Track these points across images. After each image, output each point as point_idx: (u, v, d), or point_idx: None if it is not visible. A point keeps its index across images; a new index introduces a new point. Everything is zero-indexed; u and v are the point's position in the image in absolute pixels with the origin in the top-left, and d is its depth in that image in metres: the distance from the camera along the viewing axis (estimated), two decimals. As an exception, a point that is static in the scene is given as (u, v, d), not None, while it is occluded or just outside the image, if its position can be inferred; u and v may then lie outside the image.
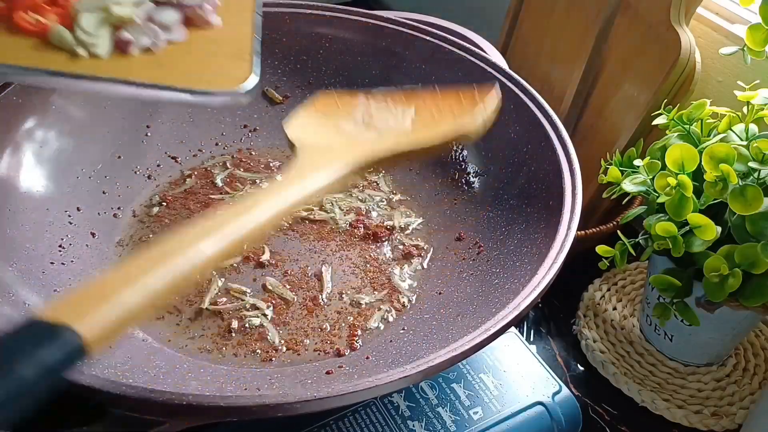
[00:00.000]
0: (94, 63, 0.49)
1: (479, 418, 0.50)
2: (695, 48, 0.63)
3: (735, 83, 0.58)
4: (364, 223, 0.64)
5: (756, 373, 0.62)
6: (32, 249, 0.55)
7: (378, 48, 0.70)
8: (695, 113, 0.54)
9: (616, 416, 0.59)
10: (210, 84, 0.49)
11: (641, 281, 0.70)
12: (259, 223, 0.39)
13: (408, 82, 0.71)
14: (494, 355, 0.54)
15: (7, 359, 0.27)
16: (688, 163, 0.48)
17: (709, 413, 0.58)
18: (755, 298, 0.48)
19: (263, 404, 0.39)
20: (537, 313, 0.68)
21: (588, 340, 0.63)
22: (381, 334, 0.55)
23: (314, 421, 0.49)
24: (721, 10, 0.68)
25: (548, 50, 0.79)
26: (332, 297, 0.57)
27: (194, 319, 0.55)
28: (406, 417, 0.50)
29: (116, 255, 0.59)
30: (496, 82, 0.60)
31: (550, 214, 0.55)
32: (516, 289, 0.49)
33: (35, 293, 0.51)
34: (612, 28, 0.71)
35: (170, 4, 0.54)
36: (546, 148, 0.59)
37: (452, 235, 0.63)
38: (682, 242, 0.48)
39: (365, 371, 0.49)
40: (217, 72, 0.51)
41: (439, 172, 0.69)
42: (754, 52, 0.52)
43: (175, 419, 0.40)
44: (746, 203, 0.45)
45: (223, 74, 0.50)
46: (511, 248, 0.57)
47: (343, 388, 0.40)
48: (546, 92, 0.71)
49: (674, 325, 0.59)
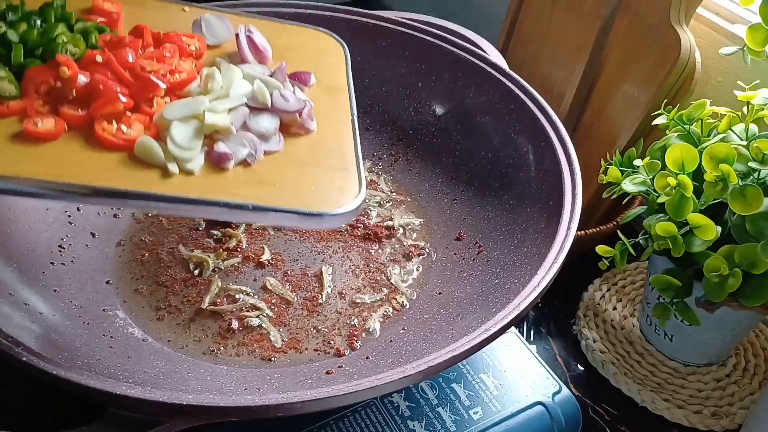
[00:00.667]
0: (188, 181, 0.42)
1: (479, 418, 0.50)
2: (695, 48, 0.63)
3: (735, 83, 0.58)
4: (364, 223, 0.64)
5: (756, 373, 0.62)
6: (32, 249, 0.55)
7: (378, 48, 0.70)
8: (695, 113, 0.54)
9: (616, 416, 0.59)
10: (319, 204, 0.44)
11: (641, 281, 0.70)
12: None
13: (408, 82, 0.71)
14: (494, 355, 0.54)
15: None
16: (688, 163, 0.48)
17: (709, 413, 0.58)
18: (755, 298, 0.48)
19: (263, 404, 0.39)
20: (537, 313, 0.68)
21: (588, 340, 0.63)
22: (381, 334, 0.55)
23: (314, 421, 0.49)
24: (721, 10, 0.68)
25: (548, 50, 0.79)
26: (332, 297, 0.57)
27: (194, 319, 0.55)
28: (406, 417, 0.50)
29: (116, 255, 0.60)
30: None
31: (550, 214, 0.55)
32: (516, 289, 0.49)
33: (35, 293, 0.51)
34: (612, 28, 0.71)
35: (267, 110, 0.48)
36: (546, 148, 0.59)
37: (452, 235, 0.63)
38: (682, 242, 0.48)
39: (365, 371, 0.49)
40: (324, 189, 0.45)
41: (439, 172, 0.69)
42: (754, 52, 0.52)
43: (175, 419, 0.40)
44: (746, 203, 0.45)
45: (330, 192, 0.45)
46: (511, 248, 0.57)
47: (343, 388, 0.40)
48: (546, 92, 0.71)
49: (674, 325, 0.59)
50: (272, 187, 0.44)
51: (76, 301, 0.53)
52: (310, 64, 0.55)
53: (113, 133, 0.43)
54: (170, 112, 0.45)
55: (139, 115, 0.45)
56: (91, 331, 0.51)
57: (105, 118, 0.44)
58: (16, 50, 0.45)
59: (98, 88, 0.44)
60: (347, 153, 0.49)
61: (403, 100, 0.72)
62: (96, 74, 0.45)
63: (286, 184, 0.45)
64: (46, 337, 0.47)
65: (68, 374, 0.39)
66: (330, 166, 0.47)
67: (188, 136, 0.44)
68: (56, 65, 0.44)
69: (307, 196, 0.44)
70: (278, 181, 0.45)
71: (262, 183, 0.44)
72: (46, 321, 0.49)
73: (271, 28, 0.57)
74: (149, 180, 0.42)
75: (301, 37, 0.58)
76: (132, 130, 0.43)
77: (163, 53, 0.48)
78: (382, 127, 0.72)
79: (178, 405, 0.38)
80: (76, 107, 0.44)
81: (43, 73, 0.44)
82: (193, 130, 0.45)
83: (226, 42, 0.54)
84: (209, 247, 0.61)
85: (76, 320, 0.51)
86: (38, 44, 0.46)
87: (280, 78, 0.51)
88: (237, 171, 0.45)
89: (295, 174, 0.46)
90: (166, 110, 0.45)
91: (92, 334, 0.51)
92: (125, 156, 0.43)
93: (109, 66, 0.45)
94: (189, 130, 0.45)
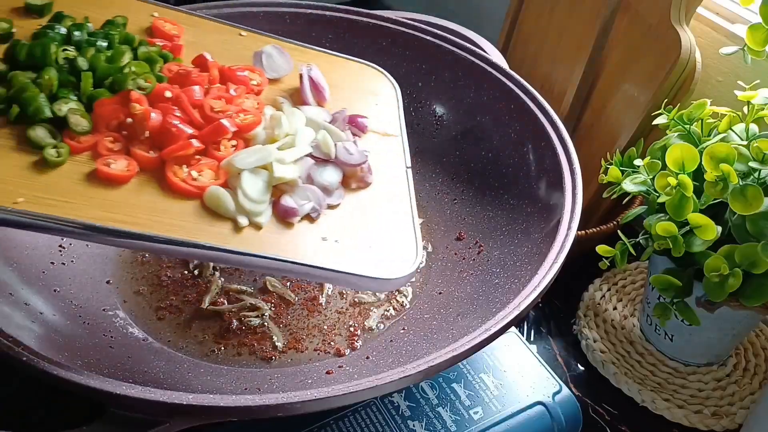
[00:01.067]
0: (258, 236, 0.43)
1: (479, 418, 0.50)
2: (695, 48, 0.63)
3: (735, 83, 0.58)
4: (364, 223, 0.64)
5: (756, 373, 0.62)
6: (32, 249, 0.55)
7: (378, 48, 0.70)
8: (695, 113, 0.54)
9: (616, 416, 0.59)
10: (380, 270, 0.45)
11: (641, 281, 0.70)
12: None
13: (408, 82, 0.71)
14: (494, 355, 0.54)
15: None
16: (689, 163, 0.48)
17: (710, 413, 0.58)
18: (755, 298, 0.48)
19: (263, 404, 0.39)
20: (537, 313, 0.68)
21: (588, 340, 0.63)
22: (381, 334, 0.55)
23: (314, 421, 0.49)
24: (721, 10, 0.68)
25: (548, 50, 0.79)
26: (332, 297, 0.57)
27: (194, 319, 0.55)
28: (406, 417, 0.50)
29: (116, 255, 0.59)
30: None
31: (550, 214, 0.55)
32: (516, 288, 0.49)
33: (35, 293, 0.51)
34: (612, 28, 0.71)
35: (330, 162, 0.49)
36: (546, 148, 0.59)
37: (452, 235, 0.63)
38: (682, 242, 0.48)
39: (365, 371, 0.49)
40: (384, 252, 0.46)
41: (439, 172, 0.69)
42: (754, 52, 0.52)
43: (175, 419, 0.40)
44: (746, 203, 0.45)
45: (391, 254, 0.46)
46: (512, 248, 0.57)
47: (343, 388, 0.40)
48: (546, 92, 0.71)
49: (674, 325, 0.59)
50: (336, 246, 0.45)
51: (76, 301, 0.53)
52: (363, 105, 0.56)
53: (184, 179, 0.44)
54: (241, 161, 0.45)
55: (207, 159, 0.45)
56: (91, 331, 0.51)
57: (175, 162, 0.44)
58: (86, 79, 0.45)
59: (170, 130, 0.44)
60: (403, 211, 0.50)
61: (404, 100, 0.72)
62: (168, 115, 0.45)
63: (350, 244, 0.46)
64: (46, 337, 0.47)
65: (68, 374, 0.39)
66: (386, 226, 0.48)
67: (259, 189, 0.45)
68: (126, 99, 0.44)
69: (369, 259, 0.45)
70: (341, 240, 0.46)
71: (326, 241, 0.46)
72: (46, 321, 0.49)
73: (322, 60, 0.57)
74: (220, 234, 0.42)
75: (353, 74, 0.59)
76: (202, 177, 0.44)
77: (229, 91, 0.49)
78: (382, 127, 0.72)
79: (178, 405, 0.38)
80: (146, 148, 0.44)
81: (113, 107, 0.44)
82: (263, 183, 0.45)
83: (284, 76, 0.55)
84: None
85: (76, 320, 0.51)
86: (107, 74, 0.46)
87: (341, 125, 0.52)
88: (302, 226, 0.46)
89: (357, 233, 0.47)
90: (236, 159, 0.45)
91: (92, 334, 0.51)
92: (197, 205, 0.43)
93: (179, 104, 0.46)
94: (259, 183, 0.45)
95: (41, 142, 0.42)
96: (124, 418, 0.40)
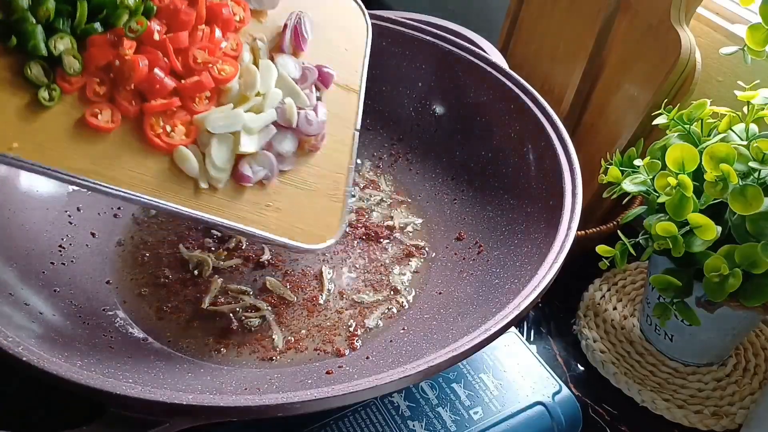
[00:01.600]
0: (211, 199, 0.48)
1: (479, 418, 0.50)
2: (695, 48, 0.63)
3: (735, 83, 0.58)
4: (364, 223, 0.64)
5: (756, 373, 0.62)
6: (32, 249, 0.55)
7: (378, 48, 0.70)
8: (695, 113, 0.54)
9: (616, 416, 0.59)
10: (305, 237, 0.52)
11: (641, 281, 0.70)
12: None
13: (408, 82, 0.71)
14: (494, 355, 0.54)
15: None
16: (689, 163, 0.48)
17: (710, 413, 0.58)
18: (755, 298, 0.48)
19: (263, 404, 0.39)
20: (537, 313, 0.68)
21: (588, 340, 0.63)
22: (381, 334, 0.55)
23: (314, 421, 0.49)
24: (721, 10, 0.68)
25: (548, 50, 0.79)
26: (332, 297, 0.57)
27: (194, 319, 0.55)
28: (406, 417, 0.50)
29: (116, 255, 0.59)
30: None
31: (550, 214, 0.55)
32: (516, 289, 0.49)
33: (35, 293, 0.51)
34: (612, 28, 0.71)
35: (290, 130, 0.52)
36: (546, 148, 0.59)
37: (452, 235, 0.63)
38: (682, 242, 0.48)
39: (365, 371, 0.49)
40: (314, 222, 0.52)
41: (439, 172, 0.69)
42: (754, 52, 0.52)
43: (175, 419, 0.40)
44: (746, 203, 0.45)
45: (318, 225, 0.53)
46: (511, 248, 0.57)
47: (343, 388, 0.40)
48: (546, 92, 0.71)
49: (674, 325, 0.59)
50: (276, 214, 0.51)
51: (76, 301, 0.53)
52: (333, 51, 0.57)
53: (159, 135, 0.46)
54: (212, 123, 0.48)
55: (182, 112, 0.48)
56: (91, 331, 0.51)
57: (154, 116, 0.47)
58: (81, 10, 0.45)
59: (155, 85, 0.46)
60: (340, 182, 0.55)
61: (403, 100, 0.72)
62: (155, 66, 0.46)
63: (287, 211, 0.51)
64: (46, 337, 0.47)
65: (68, 374, 0.39)
66: (321, 199, 0.54)
67: (224, 158, 0.49)
68: (118, 39, 0.45)
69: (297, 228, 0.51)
70: (283, 210, 0.51)
71: (269, 208, 0.51)
72: (46, 321, 0.49)
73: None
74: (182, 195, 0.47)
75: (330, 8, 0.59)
76: (175, 133, 0.47)
77: (214, 34, 0.50)
78: (382, 127, 0.72)
79: (178, 405, 0.38)
80: (130, 97, 0.46)
81: (105, 48, 0.45)
82: (229, 151, 0.49)
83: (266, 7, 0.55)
84: (209, 247, 0.61)
85: (76, 320, 0.51)
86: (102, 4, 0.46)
87: (308, 85, 0.54)
88: (252, 191, 0.50)
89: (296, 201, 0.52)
90: (208, 120, 0.48)
91: (92, 334, 0.51)
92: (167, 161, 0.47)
93: (164, 51, 0.47)
94: (225, 152, 0.49)
95: (37, 81, 0.43)
96: (124, 418, 0.40)
